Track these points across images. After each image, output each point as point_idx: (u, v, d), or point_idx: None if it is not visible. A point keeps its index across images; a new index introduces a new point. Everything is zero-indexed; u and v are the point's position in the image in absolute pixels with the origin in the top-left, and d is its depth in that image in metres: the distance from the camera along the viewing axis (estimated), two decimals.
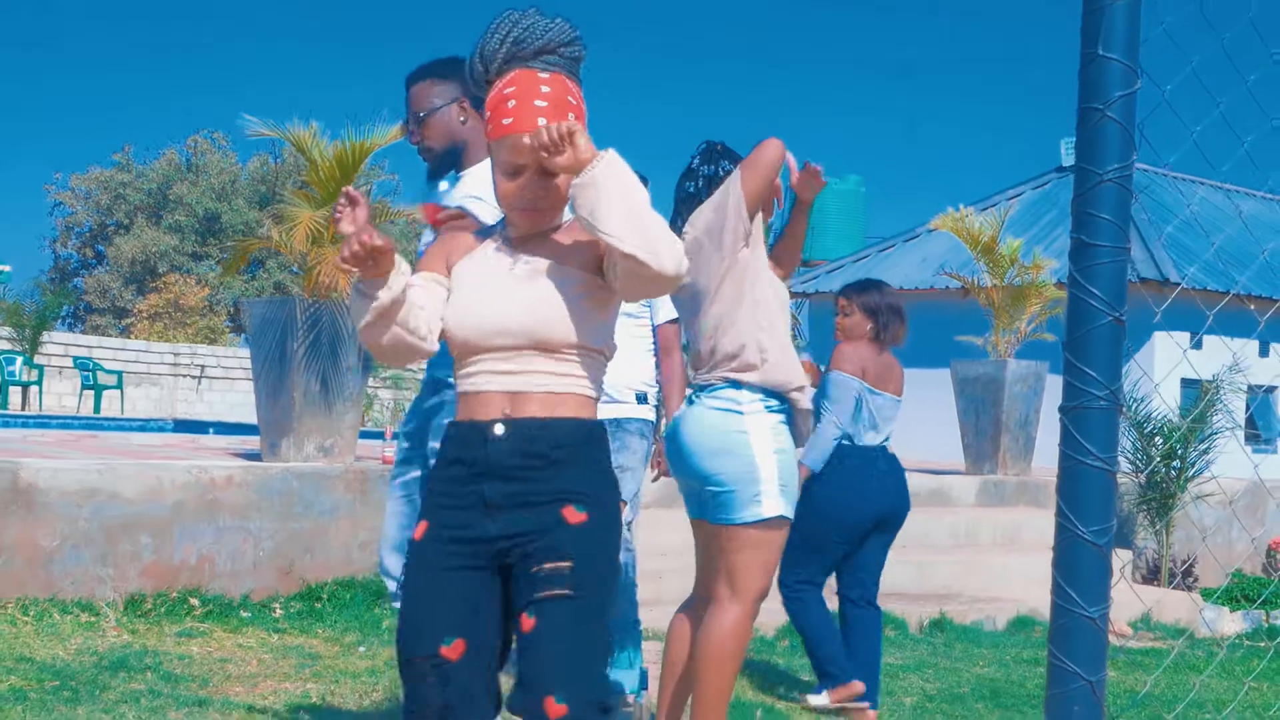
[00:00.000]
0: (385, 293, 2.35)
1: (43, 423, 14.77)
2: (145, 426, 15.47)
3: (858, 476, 5.10)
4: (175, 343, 26.32)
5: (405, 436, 3.86)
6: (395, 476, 3.87)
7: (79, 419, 16.12)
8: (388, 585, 3.85)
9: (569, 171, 2.37)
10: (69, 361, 20.88)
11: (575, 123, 2.36)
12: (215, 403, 22.71)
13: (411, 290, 2.44)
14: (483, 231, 2.62)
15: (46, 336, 20.71)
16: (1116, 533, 1.95)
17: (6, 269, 26.05)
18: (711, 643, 3.58)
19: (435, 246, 2.62)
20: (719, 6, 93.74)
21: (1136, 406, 9.67)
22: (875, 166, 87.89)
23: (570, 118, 2.42)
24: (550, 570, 2.36)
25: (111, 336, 30.34)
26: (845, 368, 5.10)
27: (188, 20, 65.99)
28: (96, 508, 5.83)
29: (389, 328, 2.41)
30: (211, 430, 14.98)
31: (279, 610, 6.02)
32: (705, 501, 3.67)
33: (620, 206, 2.32)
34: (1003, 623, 7.61)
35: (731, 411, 3.60)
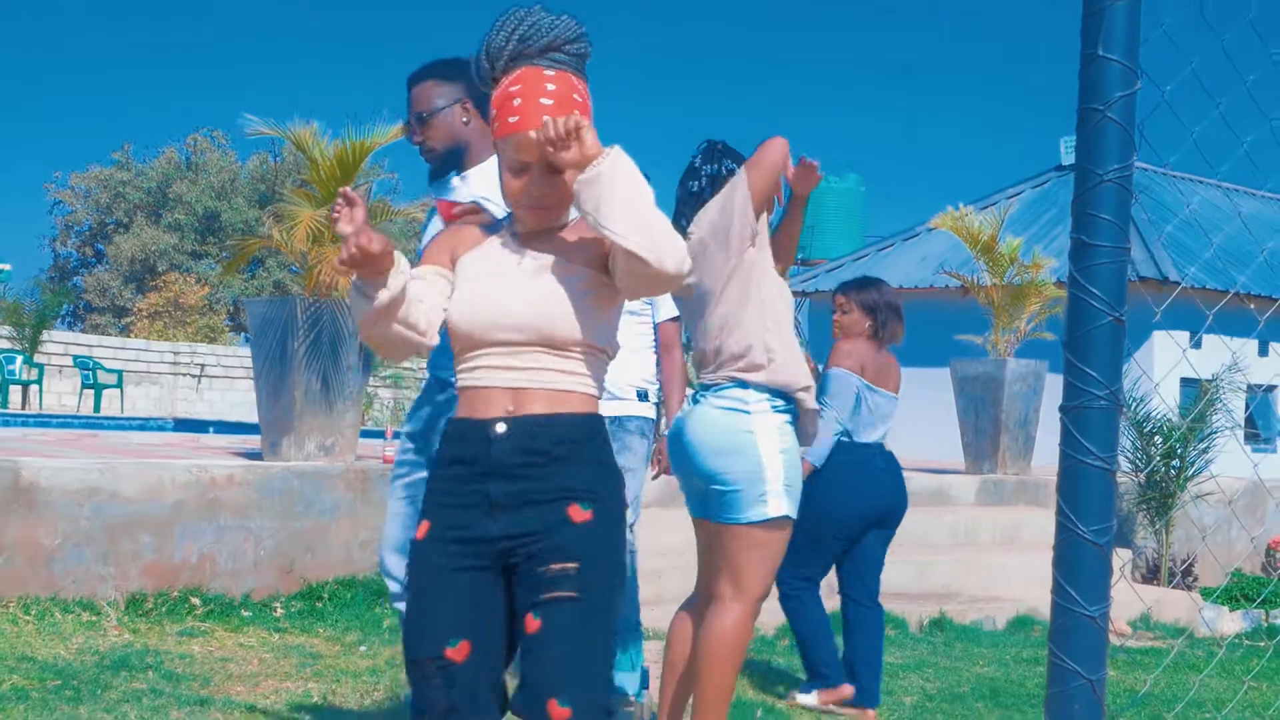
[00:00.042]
0: (384, 293, 2.34)
1: (43, 422, 14.77)
2: (145, 425, 15.47)
3: (856, 473, 5.11)
4: (175, 341, 26.33)
5: (408, 437, 3.81)
6: (397, 477, 3.82)
7: (79, 418, 16.13)
8: (389, 586, 3.81)
9: (575, 167, 2.34)
10: (69, 360, 20.88)
11: (581, 117, 2.34)
12: (215, 401, 22.71)
13: (413, 284, 2.42)
14: (490, 226, 2.60)
15: (46, 335, 20.71)
16: (1116, 532, 1.96)
17: (6, 268, 26.03)
18: (713, 641, 3.58)
19: (441, 239, 2.59)
20: (719, 6, 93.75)
21: (1136, 406, 9.68)
22: (875, 166, 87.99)
23: (575, 114, 2.39)
24: (557, 571, 2.34)
25: (111, 335, 30.34)
26: (845, 364, 5.11)
27: (188, 20, 66.08)
28: (98, 507, 5.83)
29: (389, 325, 2.39)
30: (211, 429, 14.98)
31: (280, 609, 6.02)
32: (709, 500, 3.66)
33: (625, 203, 2.30)
34: (1002, 622, 7.62)
35: (738, 411, 3.59)
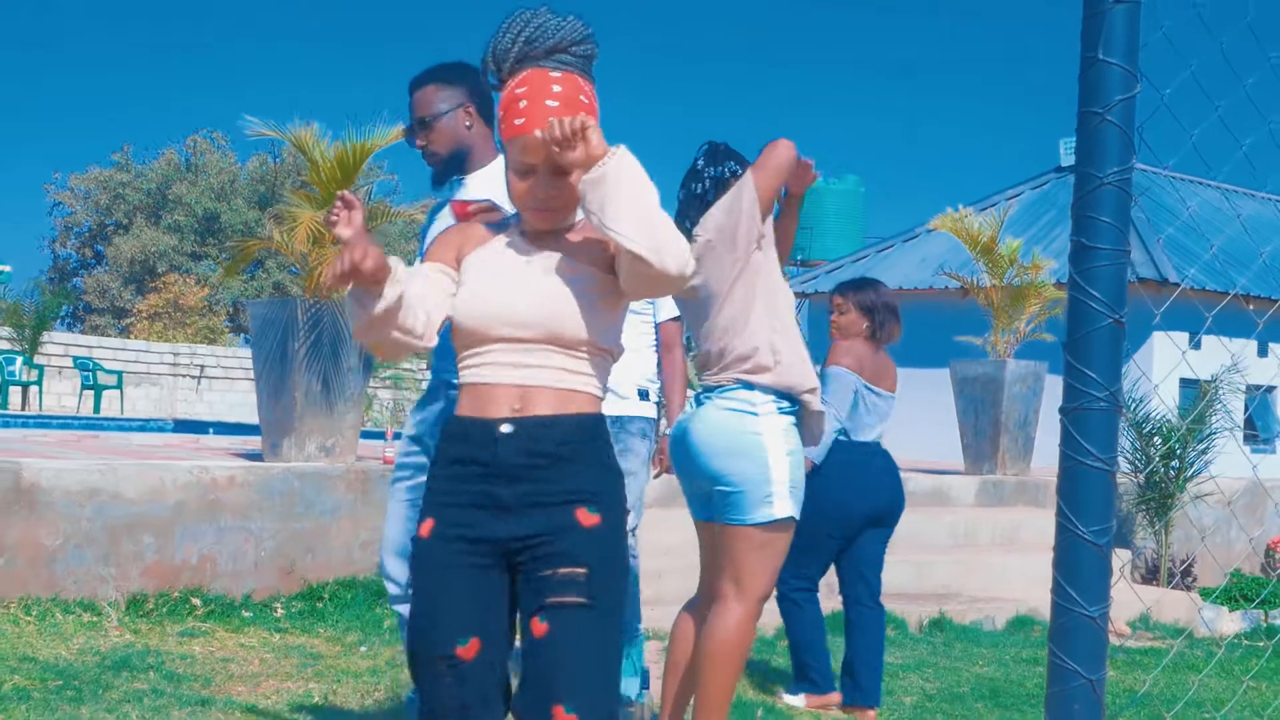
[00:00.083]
0: (380, 304, 2.33)
1: (43, 423, 14.77)
2: (145, 426, 15.48)
3: (854, 472, 5.11)
4: (175, 343, 26.33)
5: (411, 440, 3.78)
6: (398, 480, 3.80)
7: (79, 419, 16.13)
8: (389, 589, 3.79)
9: (581, 167, 2.34)
10: (69, 361, 20.89)
11: (588, 117, 2.33)
12: (215, 403, 22.72)
13: (412, 283, 2.42)
14: (496, 225, 2.59)
15: (46, 336, 20.71)
16: (1116, 532, 1.97)
17: (6, 269, 26.03)
18: (715, 641, 3.58)
19: (446, 236, 2.57)
20: (719, 6, 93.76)
21: (1136, 406, 9.68)
22: (874, 167, 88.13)
23: (582, 114, 2.38)
24: (565, 576, 2.34)
25: (111, 336, 30.35)
26: (843, 362, 5.12)
27: (188, 20, 66.16)
28: (99, 508, 5.84)
29: (385, 333, 2.39)
30: (211, 430, 14.98)
31: (280, 610, 6.03)
32: (714, 501, 3.65)
33: (630, 204, 2.29)
34: (1002, 622, 7.63)
35: (745, 413, 3.58)
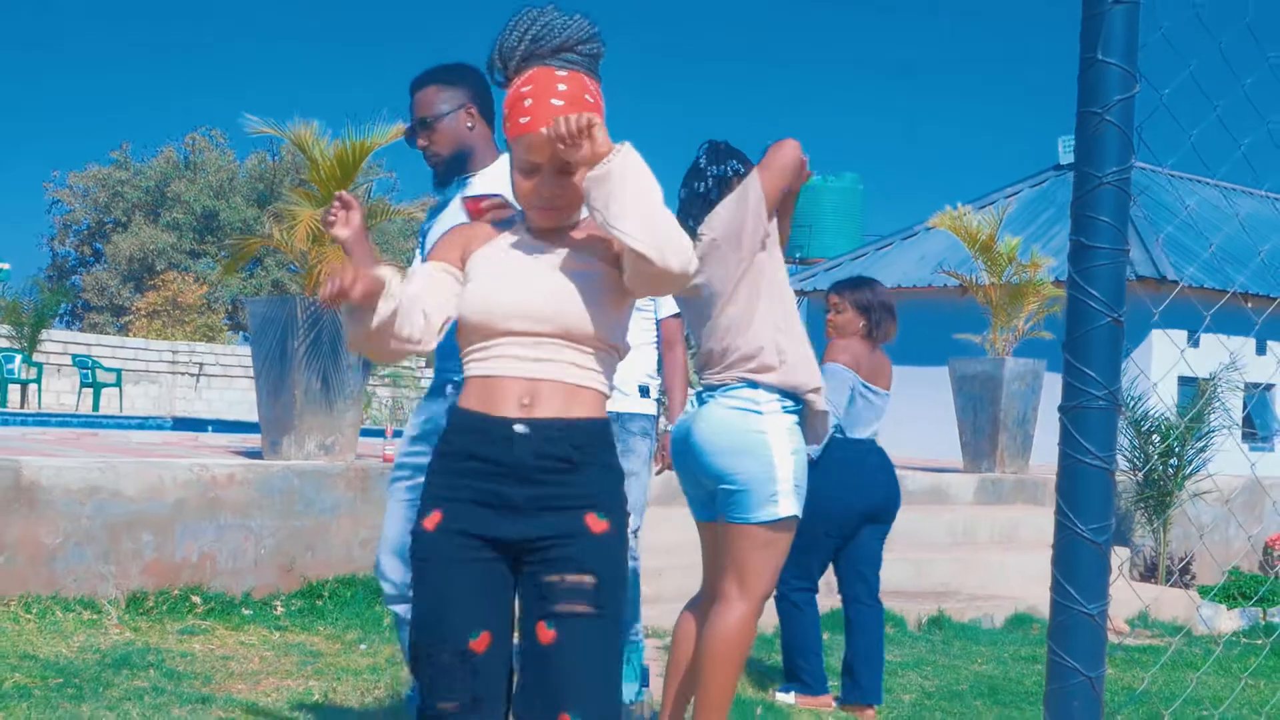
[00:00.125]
0: (374, 318, 2.33)
1: (42, 420, 14.78)
2: (144, 424, 15.49)
3: (850, 469, 5.11)
4: (173, 340, 26.34)
5: (412, 440, 3.72)
6: (397, 479, 3.75)
7: (78, 417, 16.14)
8: (384, 588, 3.75)
9: (586, 164, 2.33)
10: (68, 359, 20.89)
11: (594, 115, 2.32)
12: (214, 400, 22.72)
13: (413, 284, 2.41)
14: (502, 224, 2.59)
15: (45, 334, 20.72)
16: (1114, 530, 1.97)
17: (5, 267, 26.04)
18: (717, 640, 3.58)
19: (452, 235, 2.57)
20: (719, 6, 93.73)
21: (1134, 404, 9.69)
22: (873, 165, 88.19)
23: (587, 113, 2.37)
24: (574, 584, 2.34)
25: (110, 334, 30.35)
26: (840, 359, 5.13)
27: (187, 20, 66.13)
28: (99, 505, 5.84)
29: (381, 344, 2.39)
30: (210, 428, 14.98)
31: (280, 608, 6.04)
32: (717, 500, 3.65)
33: (634, 201, 2.29)
34: (1000, 620, 7.64)
35: (750, 411, 3.58)
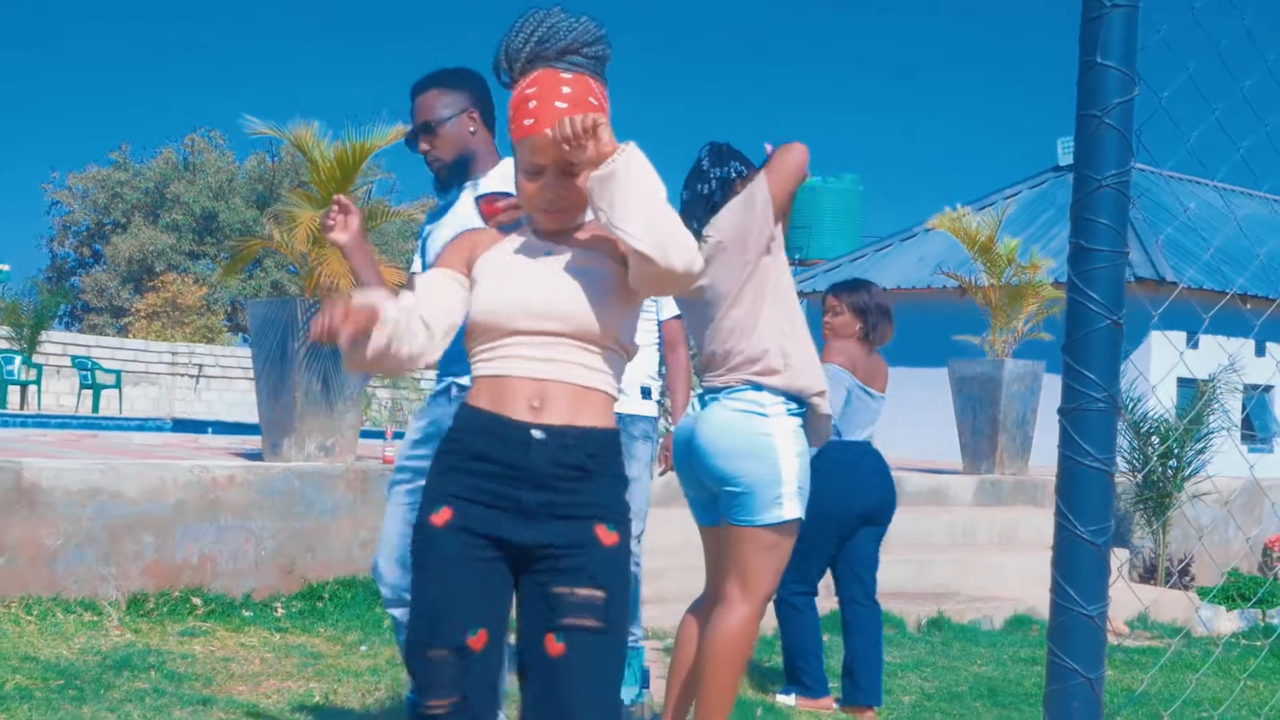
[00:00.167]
0: (369, 347, 2.33)
1: (41, 422, 14.77)
2: (144, 426, 15.48)
3: (847, 471, 5.12)
4: (173, 342, 26.34)
5: (415, 444, 3.68)
6: (398, 482, 3.71)
7: (77, 418, 16.13)
8: (382, 591, 3.72)
9: (591, 165, 2.32)
10: (67, 361, 20.89)
11: (599, 115, 2.32)
12: (213, 402, 22.72)
13: (416, 296, 2.41)
14: (507, 227, 2.58)
15: (45, 335, 20.70)
16: (1114, 532, 1.98)
17: (4, 268, 26.01)
18: (719, 641, 3.58)
19: (459, 242, 2.56)
20: (719, 6, 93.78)
21: (1133, 406, 9.70)
22: (873, 166, 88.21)
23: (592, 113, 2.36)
24: (584, 598, 2.34)
25: (109, 335, 30.34)
26: (837, 361, 5.14)
27: (187, 20, 66.11)
28: (99, 507, 5.85)
29: (380, 367, 2.40)
30: (210, 430, 14.98)
31: (281, 609, 6.04)
32: (720, 502, 3.65)
33: (637, 202, 2.29)
34: (1000, 621, 7.65)
35: (755, 414, 3.58)
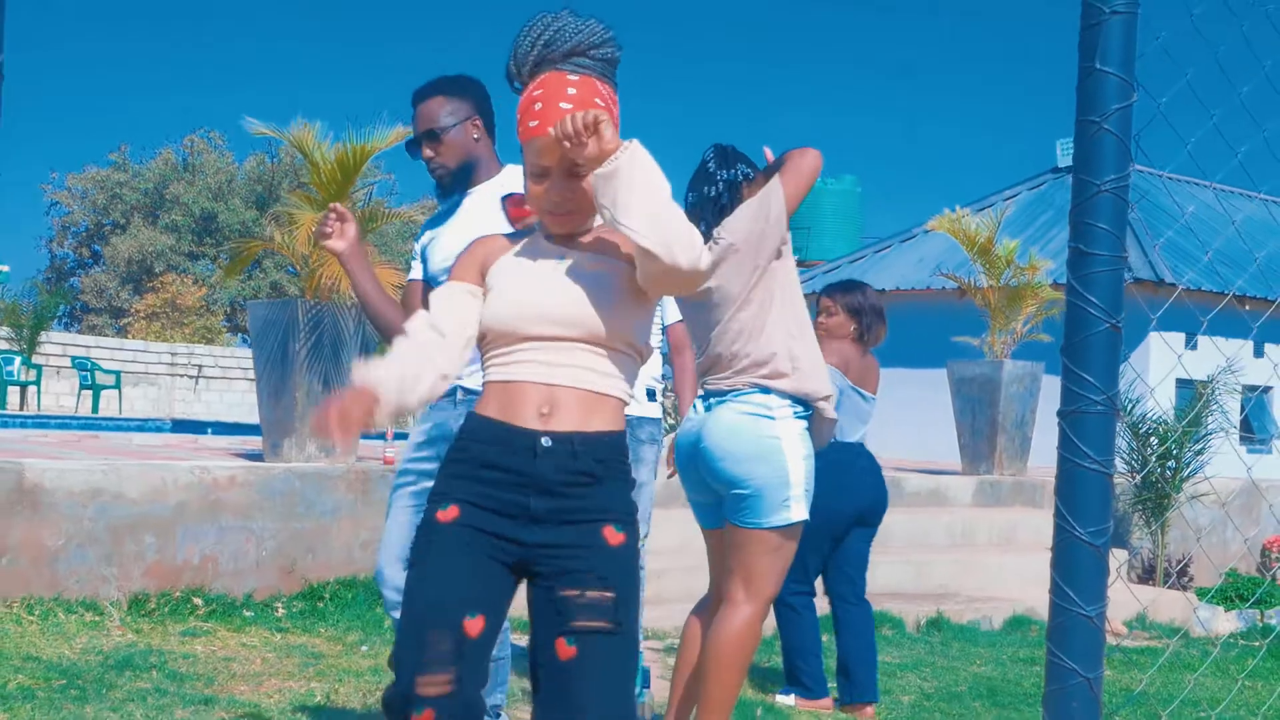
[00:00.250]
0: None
1: (41, 423, 14.77)
2: (143, 426, 15.49)
3: (840, 472, 5.12)
4: (172, 342, 26.35)
5: (418, 446, 3.65)
6: (401, 485, 3.68)
7: (77, 419, 16.15)
8: (386, 595, 3.67)
9: (594, 163, 2.31)
10: (67, 361, 20.91)
11: (601, 112, 2.30)
12: (213, 402, 22.74)
13: (430, 312, 2.42)
14: (518, 233, 2.58)
15: (44, 336, 20.72)
16: (1113, 533, 2.00)
17: (4, 269, 26.01)
18: (723, 642, 3.59)
19: (471, 252, 2.54)
20: (719, 6, 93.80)
21: (1132, 407, 9.71)
22: (872, 167, 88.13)
23: (594, 111, 2.34)
24: (593, 600, 2.33)
25: (109, 336, 30.35)
26: (830, 361, 5.15)
27: (187, 20, 66.09)
28: (101, 508, 5.87)
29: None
30: (210, 430, 14.99)
31: (281, 610, 6.06)
32: (726, 504, 3.66)
33: (640, 198, 2.28)
34: (999, 622, 7.67)
35: (763, 417, 3.59)
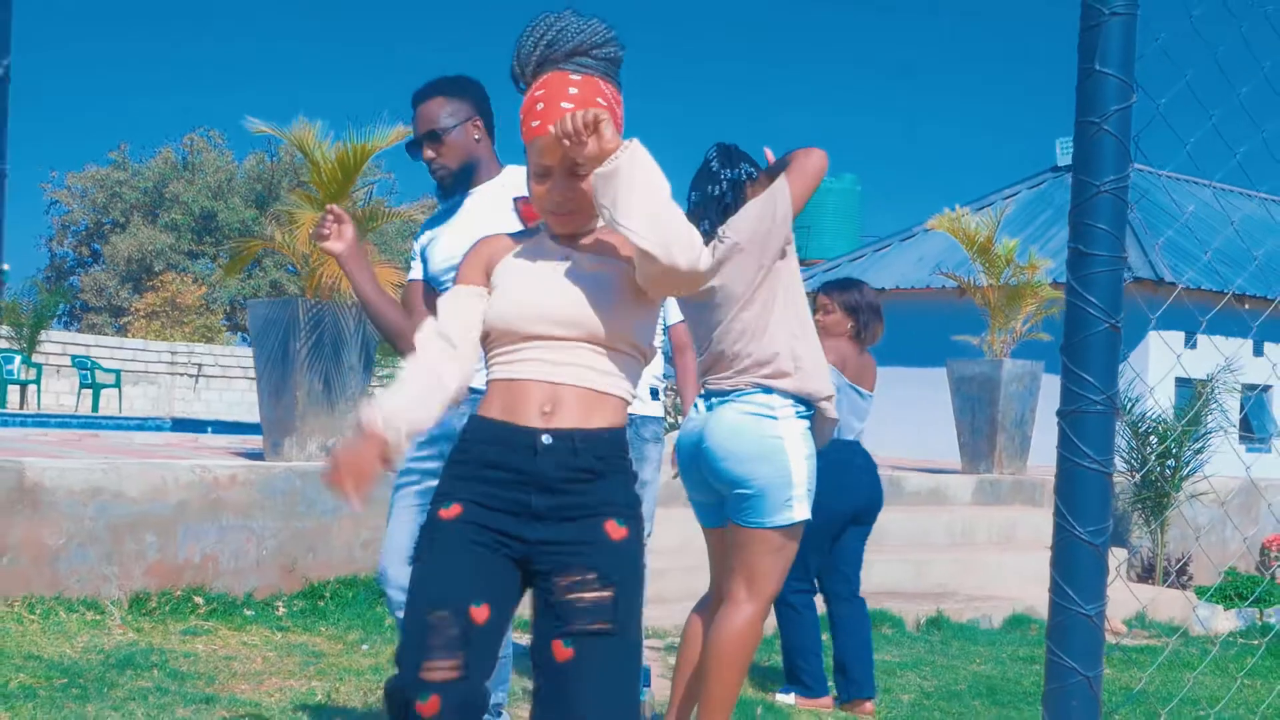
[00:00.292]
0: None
1: (41, 421, 14.79)
2: (143, 425, 15.50)
3: (837, 470, 5.12)
4: (172, 341, 26.36)
5: (419, 445, 3.61)
6: (403, 485, 3.69)
7: (77, 418, 16.15)
8: (390, 595, 3.66)
9: (594, 161, 2.30)
10: (67, 360, 20.91)
11: (601, 111, 2.29)
12: (212, 401, 22.75)
13: (439, 319, 2.44)
14: (522, 234, 2.58)
15: (44, 335, 20.74)
16: (1112, 532, 2.00)
17: (4, 268, 26.02)
18: (724, 641, 3.59)
19: (476, 252, 2.54)
20: (719, 6, 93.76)
21: (1131, 406, 9.73)
22: (872, 166, 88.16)
23: (594, 110, 2.34)
24: (593, 601, 2.32)
25: (108, 335, 30.36)
26: (828, 358, 5.15)
27: (187, 20, 66.10)
28: (102, 507, 5.87)
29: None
30: (210, 429, 15.00)
31: (282, 608, 6.06)
32: (729, 504, 3.66)
33: (640, 198, 2.28)
34: (999, 620, 7.68)
35: (765, 416, 3.59)
